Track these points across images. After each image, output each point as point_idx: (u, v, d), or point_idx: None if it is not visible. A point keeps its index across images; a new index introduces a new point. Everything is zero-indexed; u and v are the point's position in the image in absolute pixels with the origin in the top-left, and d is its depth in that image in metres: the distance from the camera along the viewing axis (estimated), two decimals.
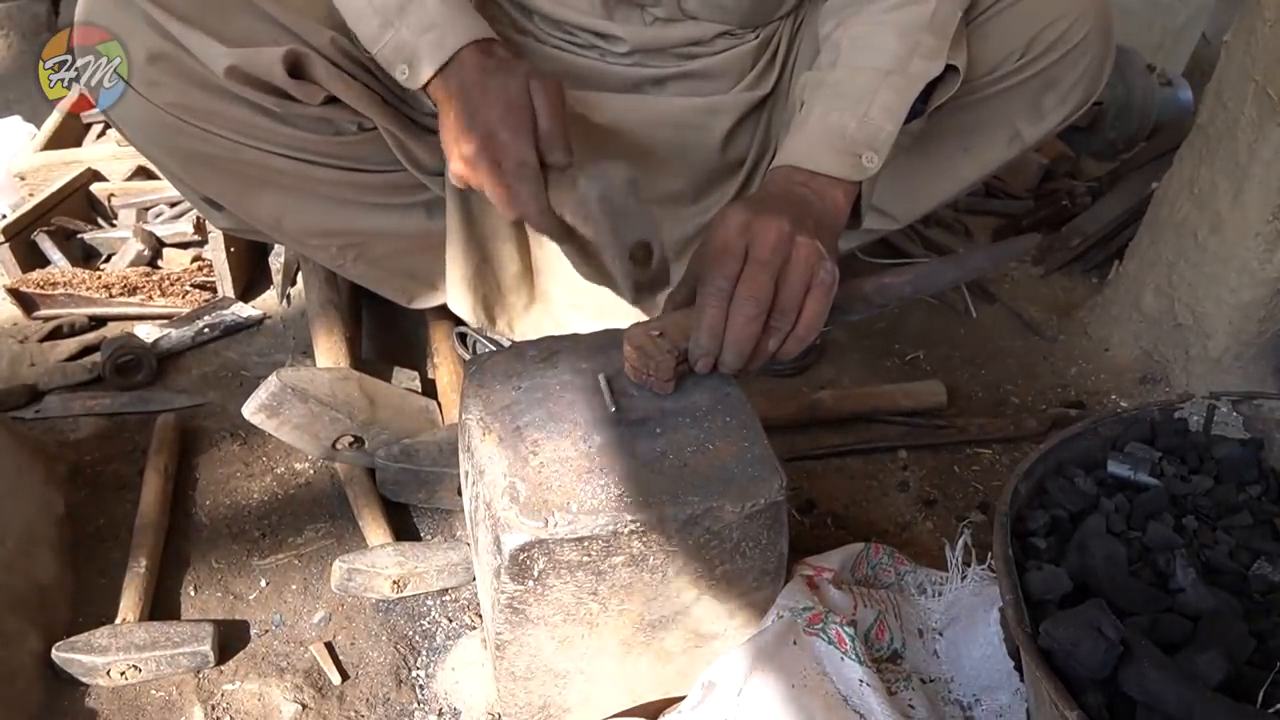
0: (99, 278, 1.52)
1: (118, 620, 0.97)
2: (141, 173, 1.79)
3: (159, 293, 1.54)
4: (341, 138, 1.13)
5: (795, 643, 0.82)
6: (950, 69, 1.01)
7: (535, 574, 0.75)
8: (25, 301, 1.49)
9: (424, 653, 0.99)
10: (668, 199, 1.22)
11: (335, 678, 0.96)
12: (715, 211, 1.24)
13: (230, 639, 0.99)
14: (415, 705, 0.94)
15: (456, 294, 1.24)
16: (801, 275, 0.82)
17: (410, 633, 1.01)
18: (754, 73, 1.18)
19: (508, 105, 0.91)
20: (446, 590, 1.05)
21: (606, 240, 0.85)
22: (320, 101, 1.05)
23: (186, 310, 1.51)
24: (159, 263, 1.65)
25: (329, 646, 0.99)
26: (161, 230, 1.66)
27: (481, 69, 0.93)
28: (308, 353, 1.41)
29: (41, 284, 1.50)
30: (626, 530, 0.74)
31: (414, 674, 0.97)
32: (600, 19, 1.11)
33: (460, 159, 0.93)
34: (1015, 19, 1.12)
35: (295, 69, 1.01)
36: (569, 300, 1.26)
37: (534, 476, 0.76)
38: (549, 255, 1.24)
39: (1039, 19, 1.13)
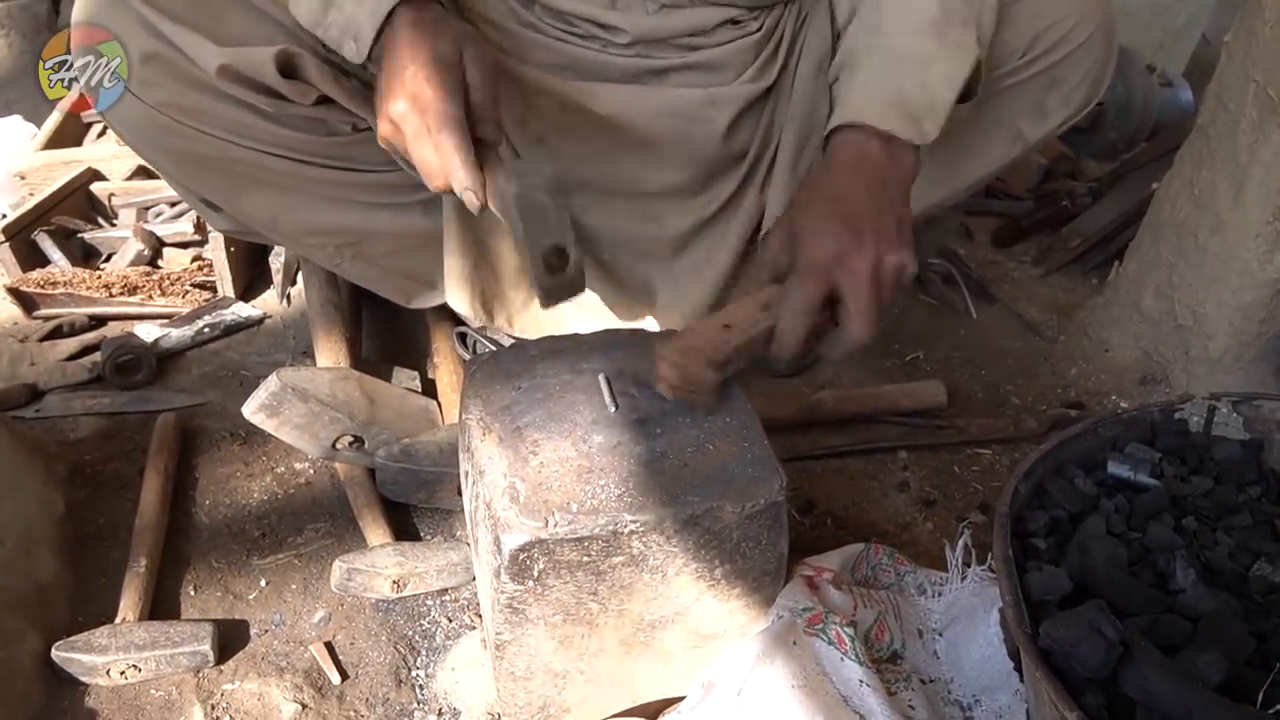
0: (99, 277, 1.52)
1: (117, 620, 0.97)
2: (141, 172, 1.79)
3: (159, 292, 1.54)
4: (335, 138, 1.12)
5: (795, 643, 0.82)
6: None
7: (535, 574, 0.75)
8: (25, 301, 1.49)
9: (424, 653, 0.99)
10: (669, 191, 1.21)
11: (335, 677, 0.96)
12: (719, 204, 1.24)
13: (230, 639, 0.99)
14: (415, 705, 0.94)
15: (455, 290, 1.24)
16: (890, 296, 0.88)
17: (410, 633, 1.01)
18: (756, 65, 1.18)
19: (435, 63, 0.86)
20: (446, 590, 1.05)
21: (521, 241, 0.83)
22: (312, 101, 1.05)
23: (186, 310, 1.51)
24: (159, 262, 1.65)
25: (329, 646, 0.99)
26: (161, 230, 1.66)
27: (413, 25, 0.89)
28: (308, 353, 1.41)
29: (41, 283, 1.50)
30: (626, 530, 0.74)
31: (414, 674, 0.97)
32: (602, 8, 1.10)
33: (387, 118, 0.88)
34: (1019, 17, 1.13)
35: (287, 69, 1.01)
36: None
37: (534, 476, 0.76)
38: None
39: (1042, 18, 1.13)
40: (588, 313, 1.25)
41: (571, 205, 0.87)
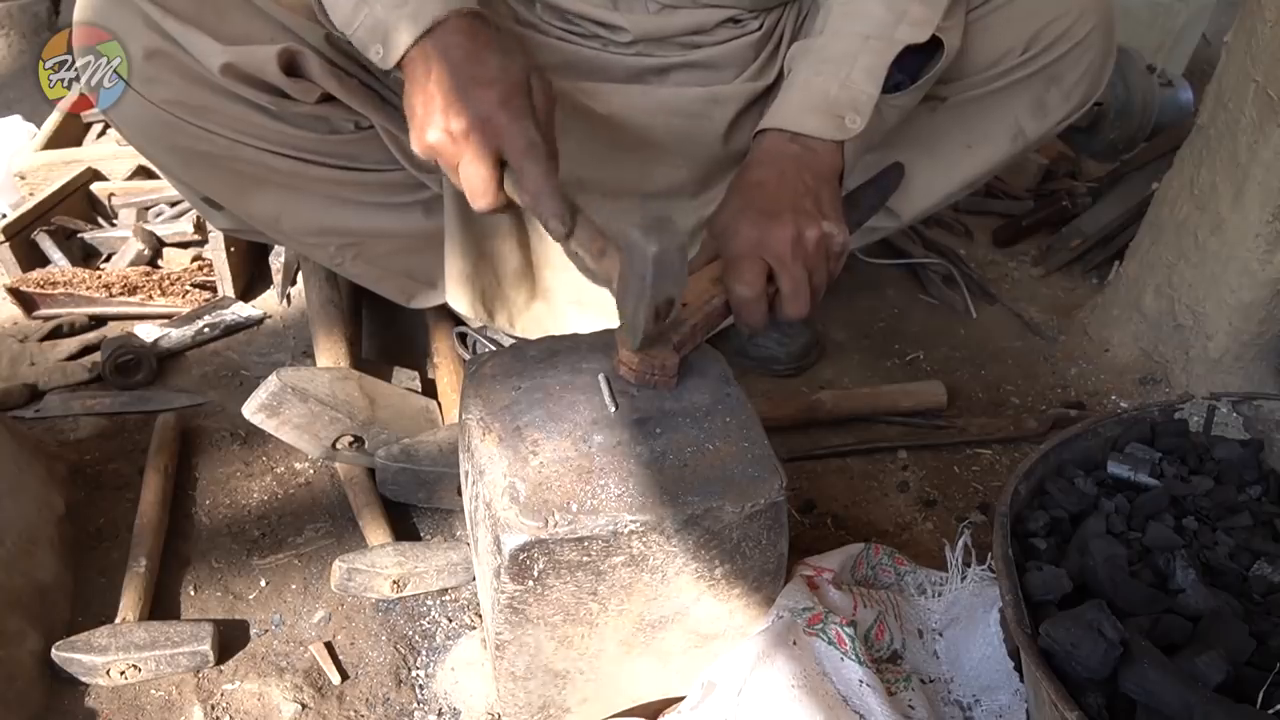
0: (99, 277, 1.52)
1: (118, 620, 0.97)
2: (142, 172, 1.79)
3: (159, 292, 1.53)
4: (338, 136, 1.13)
5: (795, 643, 0.82)
6: (940, 46, 1.03)
7: (535, 574, 0.74)
8: (25, 301, 1.49)
9: (424, 653, 0.99)
10: (670, 190, 1.22)
11: (335, 677, 0.96)
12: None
13: (230, 639, 0.99)
14: (415, 705, 0.94)
15: (455, 290, 1.24)
16: (819, 266, 0.91)
17: (410, 633, 1.01)
18: (757, 64, 1.18)
19: (510, 88, 0.85)
20: (446, 590, 1.05)
21: (642, 294, 0.77)
22: (315, 100, 1.05)
23: (186, 310, 1.51)
24: (159, 262, 1.65)
25: (329, 646, 0.99)
26: (161, 230, 1.66)
27: (474, 41, 0.87)
28: (308, 353, 1.41)
29: (41, 283, 1.50)
30: (626, 530, 0.74)
31: (414, 674, 0.97)
32: (604, 7, 1.10)
33: (444, 131, 0.85)
34: (1017, 14, 1.13)
35: (291, 67, 1.01)
36: (570, 296, 1.26)
37: (534, 476, 0.76)
38: (550, 251, 1.24)
39: (1041, 15, 1.14)
40: (588, 313, 1.25)
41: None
